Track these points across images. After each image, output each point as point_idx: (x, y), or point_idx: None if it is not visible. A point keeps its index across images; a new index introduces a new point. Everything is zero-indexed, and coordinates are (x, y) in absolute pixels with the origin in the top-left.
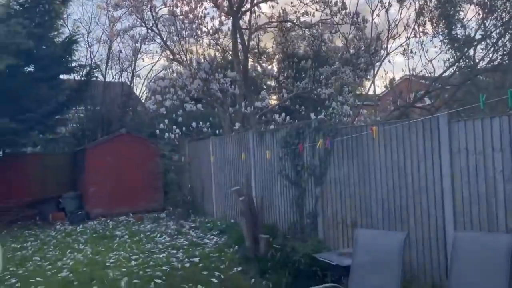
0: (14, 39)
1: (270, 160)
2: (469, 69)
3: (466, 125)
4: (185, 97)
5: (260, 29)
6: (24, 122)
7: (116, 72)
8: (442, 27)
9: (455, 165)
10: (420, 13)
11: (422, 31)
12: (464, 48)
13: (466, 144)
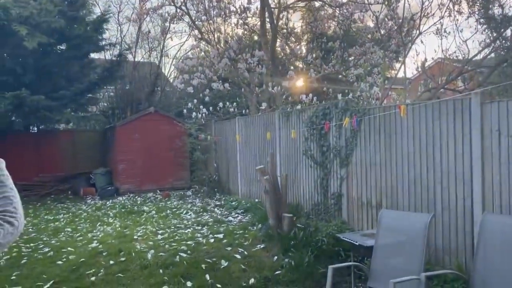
0: (46, 17)
1: (295, 140)
2: (505, 50)
3: (499, 106)
4: (213, 76)
5: (289, 8)
6: (58, 99)
7: (145, 51)
8: (478, 6)
9: (486, 148)
10: None
11: (457, 10)
12: (501, 29)
13: (498, 126)
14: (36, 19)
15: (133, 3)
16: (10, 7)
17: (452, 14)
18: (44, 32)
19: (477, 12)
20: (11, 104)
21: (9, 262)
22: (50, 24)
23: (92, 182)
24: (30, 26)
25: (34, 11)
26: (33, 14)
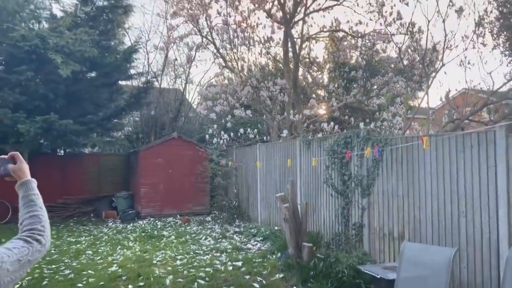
0: (80, 46)
1: (316, 168)
2: None
3: None
4: (235, 103)
5: (312, 39)
6: (85, 124)
7: (170, 78)
8: (503, 39)
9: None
10: (480, 24)
11: (482, 42)
12: None
13: None
14: (71, 48)
15: (161, 32)
16: (47, 36)
17: (476, 46)
18: (77, 60)
19: (501, 45)
20: (40, 128)
21: (31, 283)
22: (84, 53)
23: (114, 205)
24: (65, 55)
25: (70, 41)
26: (69, 44)
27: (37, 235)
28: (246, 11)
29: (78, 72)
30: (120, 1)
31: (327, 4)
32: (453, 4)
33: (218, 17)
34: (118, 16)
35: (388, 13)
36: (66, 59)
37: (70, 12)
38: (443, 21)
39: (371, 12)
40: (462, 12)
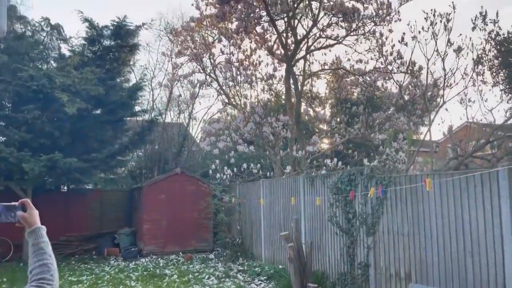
0: (86, 85)
1: (320, 206)
2: None
3: None
4: (238, 139)
5: (314, 75)
6: (89, 161)
7: (174, 114)
8: (502, 77)
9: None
10: (479, 62)
11: (481, 80)
12: None
13: None
14: (77, 87)
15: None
16: (55, 76)
17: (476, 83)
18: (83, 98)
19: (501, 82)
20: (45, 167)
21: None
22: (89, 91)
23: (116, 242)
24: (71, 93)
25: (76, 80)
26: (75, 82)
27: (46, 285)
28: (248, 50)
29: (83, 109)
30: (126, 41)
31: (328, 42)
32: (451, 43)
33: (221, 55)
34: (124, 54)
35: (389, 53)
36: (72, 98)
37: (78, 52)
38: (442, 60)
39: (371, 51)
40: (461, 51)
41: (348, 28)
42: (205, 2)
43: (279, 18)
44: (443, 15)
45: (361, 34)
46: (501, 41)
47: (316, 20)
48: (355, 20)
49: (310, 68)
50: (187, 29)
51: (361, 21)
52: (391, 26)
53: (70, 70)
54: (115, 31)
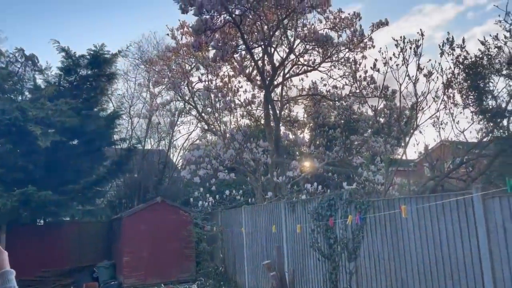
0: (60, 117)
1: (302, 232)
2: (503, 140)
3: (501, 202)
4: (219, 166)
5: (292, 101)
6: (66, 193)
7: (154, 141)
8: (472, 99)
9: (493, 244)
10: (448, 85)
11: (452, 102)
12: (497, 119)
13: (503, 222)
14: (51, 119)
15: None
16: (28, 108)
17: (447, 106)
18: (58, 130)
19: (471, 104)
20: (18, 201)
21: None
22: (64, 123)
23: (95, 276)
24: (45, 125)
25: (50, 112)
26: (49, 115)
27: None
28: (227, 77)
29: (58, 141)
30: (103, 70)
31: (304, 68)
32: (421, 69)
33: (199, 83)
34: (102, 83)
35: (362, 78)
36: (46, 130)
37: (54, 82)
38: (414, 85)
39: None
40: (431, 76)
41: (323, 54)
42: (181, 32)
43: (256, 46)
44: (412, 42)
45: (336, 60)
46: (469, 64)
47: (292, 47)
48: (329, 47)
49: (288, 94)
50: (164, 58)
51: (335, 48)
52: (365, 53)
53: (45, 102)
54: (92, 60)
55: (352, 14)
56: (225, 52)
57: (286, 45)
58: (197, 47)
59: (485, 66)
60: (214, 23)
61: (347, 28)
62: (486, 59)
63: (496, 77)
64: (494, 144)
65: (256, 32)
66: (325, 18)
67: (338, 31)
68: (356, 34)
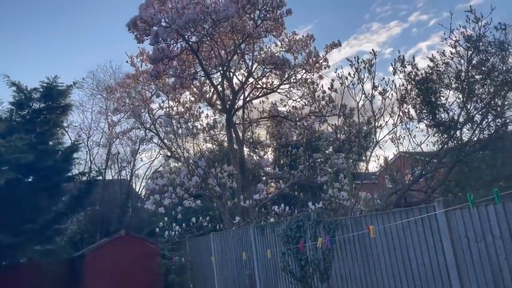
0: (14, 153)
1: (273, 256)
2: (458, 150)
3: (462, 213)
4: (184, 194)
5: (253, 123)
6: (22, 234)
7: (115, 171)
8: (425, 113)
9: (458, 253)
10: (403, 101)
11: (408, 117)
12: (450, 131)
13: (465, 232)
14: (4, 156)
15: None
16: None
17: (403, 121)
18: (12, 167)
19: (425, 118)
20: None
21: None
22: (19, 159)
23: None
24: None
25: (3, 149)
26: (2, 152)
27: None
28: (188, 102)
29: (13, 179)
30: (57, 102)
31: (264, 91)
32: (376, 87)
33: (160, 110)
34: (56, 116)
35: (321, 97)
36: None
37: (5, 118)
38: (370, 102)
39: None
40: (386, 93)
41: (281, 77)
42: (141, 59)
43: (214, 71)
44: (366, 61)
45: (294, 82)
46: (420, 80)
47: (251, 71)
48: (287, 69)
49: (250, 116)
50: (123, 85)
51: (292, 70)
52: (321, 73)
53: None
54: (45, 92)
55: (306, 36)
56: (184, 79)
57: (244, 69)
58: (155, 76)
59: (435, 81)
60: (171, 51)
61: (302, 50)
62: (436, 74)
63: (446, 91)
64: (450, 155)
65: (214, 58)
66: (281, 41)
67: (294, 53)
68: (311, 55)
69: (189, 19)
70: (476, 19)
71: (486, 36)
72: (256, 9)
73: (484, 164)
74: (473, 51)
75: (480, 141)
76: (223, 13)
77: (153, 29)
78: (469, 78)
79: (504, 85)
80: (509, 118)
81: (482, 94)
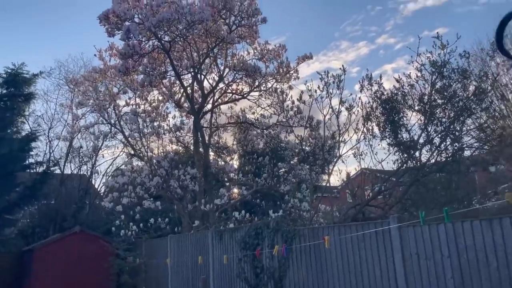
0: None
1: (229, 262)
2: (416, 170)
3: (415, 231)
4: (144, 194)
5: (221, 128)
6: None
7: (75, 166)
8: (388, 132)
9: (408, 269)
10: (368, 118)
11: (371, 134)
12: (410, 151)
13: (416, 249)
14: None
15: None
16: None
17: (366, 137)
18: None
19: (388, 136)
20: None
21: None
22: None
23: None
24: None
25: None
26: None
27: None
28: (156, 101)
29: None
30: (20, 89)
31: (233, 96)
32: (343, 102)
33: (127, 106)
34: (18, 104)
35: (289, 107)
36: None
37: None
38: (336, 117)
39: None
40: (352, 109)
41: (251, 84)
42: (110, 53)
43: (185, 72)
44: (335, 76)
45: (264, 90)
46: (386, 100)
47: (222, 75)
48: (257, 77)
49: (217, 121)
50: (90, 79)
51: (263, 78)
52: (291, 83)
53: None
54: (9, 79)
55: (279, 45)
56: (154, 78)
57: (216, 73)
58: (123, 72)
59: (400, 101)
60: (142, 48)
61: (274, 59)
62: (400, 95)
63: (409, 112)
64: (409, 174)
65: (186, 59)
66: (254, 49)
67: (266, 61)
68: (282, 65)
69: (163, 18)
70: (442, 46)
71: (450, 63)
72: (232, 14)
73: (439, 186)
74: (437, 76)
75: (438, 163)
76: (198, 15)
77: (125, 24)
78: (431, 101)
79: (463, 111)
80: (466, 143)
81: (443, 118)
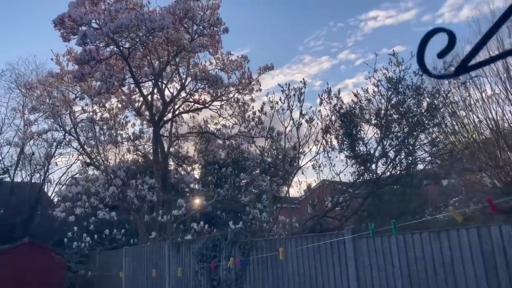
0: None
1: (186, 274)
2: (372, 182)
3: (368, 242)
4: (98, 204)
5: (182, 138)
6: None
7: (26, 174)
8: (346, 144)
9: (361, 280)
10: (327, 131)
11: (330, 146)
12: (367, 164)
13: (369, 260)
14: None
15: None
16: None
17: (326, 149)
18: None
19: (346, 149)
20: None
21: None
22: None
23: None
24: None
25: None
26: None
27: None
28: (114, 109)
29: None
30: None
31: (195, 106)
32: (304, 114)
33: (83, 113)
34: None
35: (251, 118)
36: None
37: None
38: (297, 129)
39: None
40: (312, 122)
41: (213, 94)
42: (67, 58)
43: (145, 80)
44: (296, 89)
45: (226, 100)
46: (344, 113)
47: (184, 84)
48: (219, 87)
49: (178, 131)
50: (45, 83)
51: (225, 89)
52: (253, 95)
53: None
54: None
55: (241, 56)
56: (111, 84)
57: (177, 82)
58: (79, 78)
59: (357, 115)
60: (100, 54)
61: (236, 70)
62: (358, 109)
63: (366, 126)
64: (365, 186)
65: (146, 67)
66: (216, 59)
67: (228, 72)
68: (244, 76)
69: (122, 23)
70: (397, 63)
71: (405, 80)
72: (194, 23)
73: (394, 198)
74: (393, 91)
75: (392, 176)
76: (158, 22)
77: (82, 29)
78: (387, 116)
79: (417, 126)
80: (419, 157)
81: (398, 132)
